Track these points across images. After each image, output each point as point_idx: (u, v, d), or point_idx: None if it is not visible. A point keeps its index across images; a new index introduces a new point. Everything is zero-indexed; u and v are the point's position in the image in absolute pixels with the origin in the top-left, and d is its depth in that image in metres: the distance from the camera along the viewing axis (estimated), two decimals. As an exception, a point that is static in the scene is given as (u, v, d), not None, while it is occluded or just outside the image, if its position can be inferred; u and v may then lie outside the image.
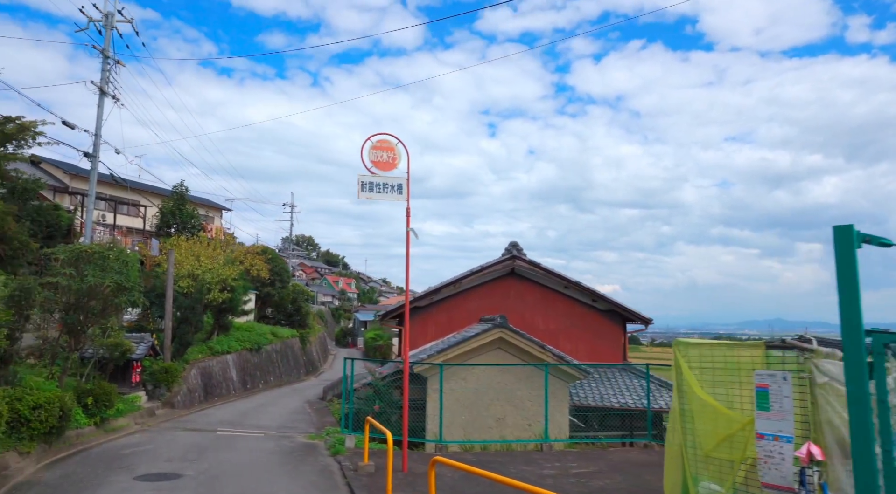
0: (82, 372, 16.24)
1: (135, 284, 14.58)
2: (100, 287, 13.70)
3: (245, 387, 27.89)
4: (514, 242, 24.94)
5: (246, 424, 18.03)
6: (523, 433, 17.08)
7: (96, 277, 13.49)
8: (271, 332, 33.60)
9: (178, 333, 22.25)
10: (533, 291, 24.85)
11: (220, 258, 26.08)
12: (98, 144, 22.45)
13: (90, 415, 14.16)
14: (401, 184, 11.30)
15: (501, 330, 17.71)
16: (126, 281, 14.21)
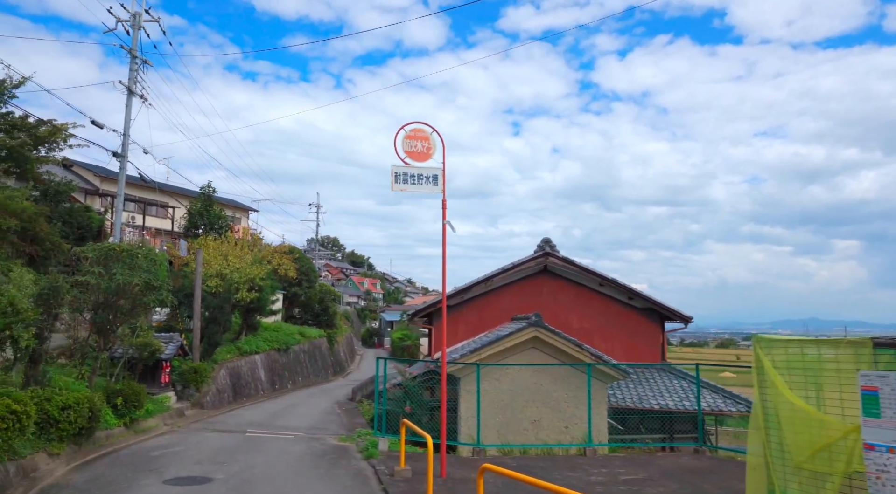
0: (112, 372, 16.05)
1: (163, 283, 14.31)
2: (128, 285, 13.44)
3: (273, 388, 27.66)
4: (547, 239, 24.29)
5: (275, 425, 17.70)
6: (560, 436, 16.47)
7: (125, 276, 13.24)
8: (299, 332, 33.38)
9: (207, 333, 22.05)
10: (566, 289, 24.17)
11: (248, 257, 25.86)
12: (126, 144, 22.36)
13: (120, 416, 13.93)
14: (436, 175, 10.80)
15: (536, 329, 17.13)
16: (154, 280, 13.94)
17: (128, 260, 13.70)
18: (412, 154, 10.71)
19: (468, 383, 16.18)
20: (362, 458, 12.54)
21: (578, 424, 16.37)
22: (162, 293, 14.05)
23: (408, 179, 10.66)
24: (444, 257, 11.08)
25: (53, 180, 25.65)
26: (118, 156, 22.09)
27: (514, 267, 23.51)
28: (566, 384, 16.47)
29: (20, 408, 8.92)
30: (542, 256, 23.42)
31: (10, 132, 25.57)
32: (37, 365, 11.22)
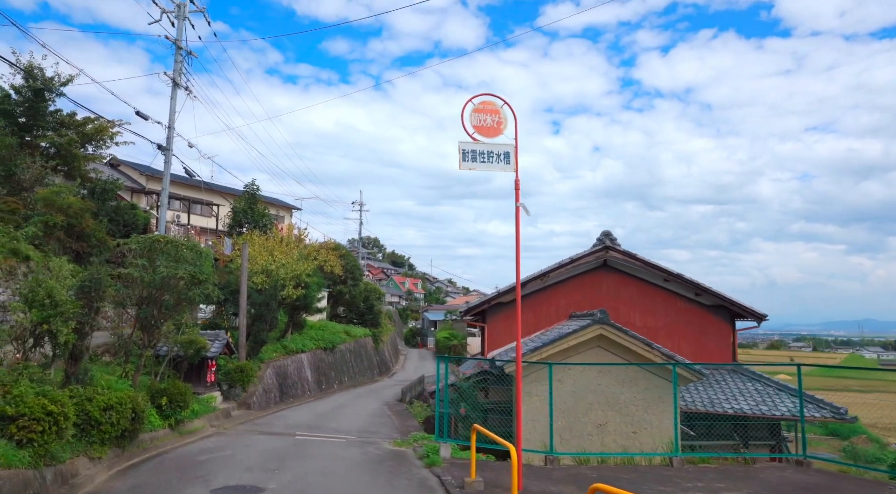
0: (156, 370, 15.35)
1: (209, 276, 13.50)
2: (173, 279, 12.65)
3: (320, 388, 26.88)
4: (607, 231, 22.83)
5: (325, 427, 16.78)
6: (628, 442, 15.24)
7: (169, 268, 12.45)
8: (345, 331, 32.61)
9: (253, 331, 21.32)
10: (628, 285, 22.71)
11: (294, 253, 25.12)
12: (171, 137, 21.84)
13: (164, 417, 13.15)
14: (508, 153, 9.64)
15: (602, 327, 15.86)
16: (200, 273, 13.14)
17: (172, 251, 12.93)
18: (481, 129, 9.58)
19: (530, 384, 15.00)
20: (423, 466, 11.44)
21: (648, 429, 15.12)
22: (208, 287, 13.23)
23: (477, 157, 9.53)
24: (518, 242, 9.89)
25: (100, 178, 25.44)
26: (163, 149, 21.55)
27: (572, 262, 22.17)
28: (633, 386, 15.23)
29: (57, 409, 8.09)
30: (601, 250, 22.02)
31: (57, 130, 25.46)
32: (77, 363, 10.46)
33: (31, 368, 9.00)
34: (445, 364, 13.13)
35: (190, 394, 13.87)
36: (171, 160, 21.73)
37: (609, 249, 22.08)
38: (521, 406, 9.79)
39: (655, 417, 15.44)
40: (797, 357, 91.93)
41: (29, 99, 24.77)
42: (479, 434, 16.64)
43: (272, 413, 19.34)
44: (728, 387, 20.81)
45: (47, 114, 25.57)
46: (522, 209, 9.60)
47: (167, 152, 21.68)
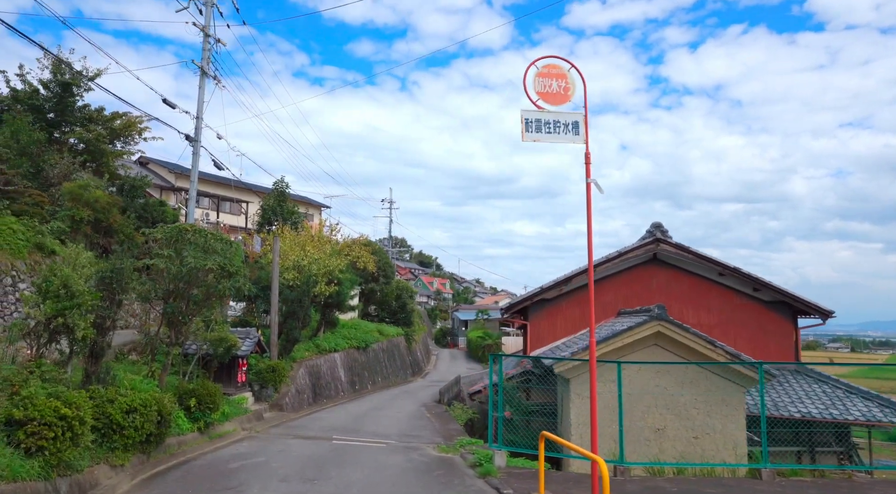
0: (185, 370, 14.45)
1: (239, 268, 12.52)
2: (201, 270, 11.69)
3: (353, 388, 25.88)
4: (658, 223, 21.40)
5: (363, 431, 15.72)
6: (688, 447, 14.00)
7: (197, 259, 11.49)
8: (377, 330, 31.60)
9: (285, 329, 20.39)
10: (680, 280, 21.26)
11: (327, 247, 24.17)
12: (199, 127, 21.01)
13: (193, 420, 12.19)
14: (577, 122, 8.42)
15: (660, 323, 14.57)
16: (230, 265, 12.16)
17: (200, 241, 11.97)
18: (546, 96, 8.37)
19: (581, 385, 13.79)
20: (477, 476, 10.26)
21: (711, 435, 13.88)
22: (238, 280, 12.24)
23: (542, 127, 8.32)
24: (590, 221, 8.65)
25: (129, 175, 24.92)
26: (191, 139, 20.74)
27: (620, 256, 20.81)
28: (694, 387, 13.97)
29: (71, 412, 7.11)
30: (651, 243, 20.62)
31: (85, 125, 24.93)
32: (98, 361, 9.53)
33: (45, 366, 8.06)
34: (500, 362, 11.86)
35: (220, 395, 12.91)
36: (199, 151, 20.90)
37: (660, 242, 20.68)
38: (595, 410, 8.53)
39: (719, 421, 14.16)
40: (836, 357, 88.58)
41: (57, 94, 24.29)
42: (519, 438, 15.48)
43: (306, 415, 18.36)
44: (792, 389, 19.28)
45: (75, 110, 25.09)
46: (594, 186, 8.37)
47: (195, 143, 20.87)
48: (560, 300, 21.46)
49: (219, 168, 22.45)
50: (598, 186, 8.38)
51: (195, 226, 12.20)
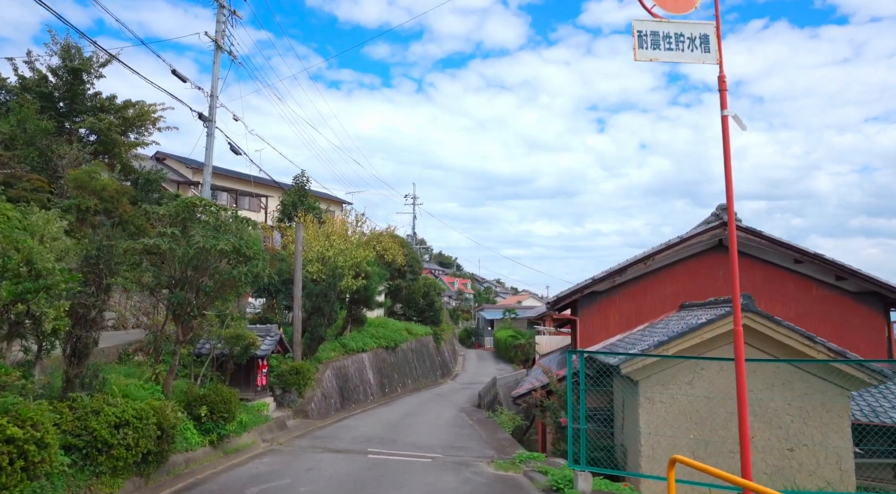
0: (197, 372, 12.52)
1: (258, 252, 10.53)
2: (212, 253, 9.73)
3: (383, 392, 23.85)
4: (724, 205, 18.94)
5: (401, 442, 13.67)
6: (782, 461, 11.91)
7: (207, 239, 9.52)
8: (406, 329, 29.56)
9: (309, 326, 18.42)
10: (751, 268, 18.90)
11: (354, 238, 22.20)
12: (214, 106, 19.16)
13: (204, 432, 10.22)
14: (706, 35, 6.26)
15: (746, 315, 12.34)
16: (247, 248, 10.19)
17: (211, 219, 10.02)
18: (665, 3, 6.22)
19: (653, 387, 11.69)
20: (557, 505, 8.12)
21: (809, 446, 11.88)
22: (257, 264, 10.24)
23: (659, 41, 6.18)
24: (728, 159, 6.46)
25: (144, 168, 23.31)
26: (204, 119, 18.88)
27: (682, 243, 18.49)
28: (787, 390, 11.89)
29: (24, 434, 5.11)
30: (718, 226, 18.28)
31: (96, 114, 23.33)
32: (82, 362, 7.56)
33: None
34: (581, 359, 9.69)
35: (236, 402, 10.92)
36: (213, 132, 19.05)
37: (726, 225, 18.27)
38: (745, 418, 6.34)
39: (818, 431, 11.99)
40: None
41: (67, 81, 22.74)
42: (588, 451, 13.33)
43: (334, 423, 16.34)
44: (891, 393, 16.79)
45: (86, 98, 23.56)
46: (734, 121, 6.21)
47: (209, 123, 19.02)
48: (612, 293, 19.22)
49: (235, 152, 20.54)
50: (740, 123, 6.21)
51: (206, 201, 10.23)
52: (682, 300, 18.06)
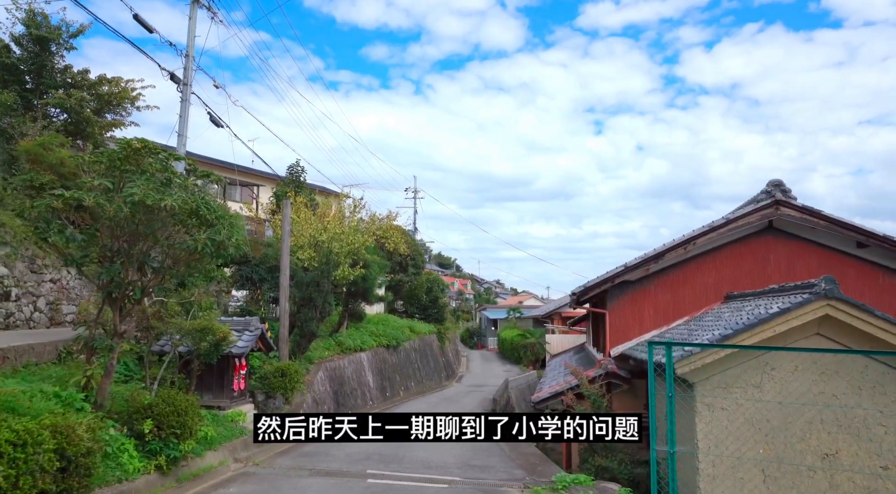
0: (153, 374, 9.96)
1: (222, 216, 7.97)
2: (156, 212, 7.20)
3: (384, 396, 21.26)
4: (777, 181, 16.41)
5: (408, 459, 11.08)
6: (874, 482, 9.75)
7: (148, 193, 6.97)
8: (408, 327, 27.00)
9: (299, 320, 15.85)
10: (806, 254, 16.33)
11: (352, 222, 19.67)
12: (190, 68, 16.60)
13: (149, 454, 7.63)
14: None
15: (829, 303, 10.15)
16: (207, 210, 7.65)
17: (159, 167, 7.49)
18: None
19: (711, 391, 9.39)
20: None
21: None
22: (220, 231, 7.63)
23: None
24: None
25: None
26: (176, 79, 16.31)
27: (727, 225, 15.93)
28: (879, 394, 10.07)
29: None
30: (769, 206, 15.66)
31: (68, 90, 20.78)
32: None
33: None
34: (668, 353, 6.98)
35: (195, 413, 8.33)
36: (188, 97, 16.50)
37: (780, 204, 15.71)
38: None
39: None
40: None
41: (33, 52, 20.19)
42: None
43: (326, 434, 13.76)
44: None
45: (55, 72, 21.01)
46: None
47: (185, 87, 16.47)
48: (647, 282, 16.68)
49: (216, 124, 17.96)
50: None
51: (149, 143, 7.66)
52: (727, 290, 15.71)
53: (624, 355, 15.16)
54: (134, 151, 7.53)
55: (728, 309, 14.02)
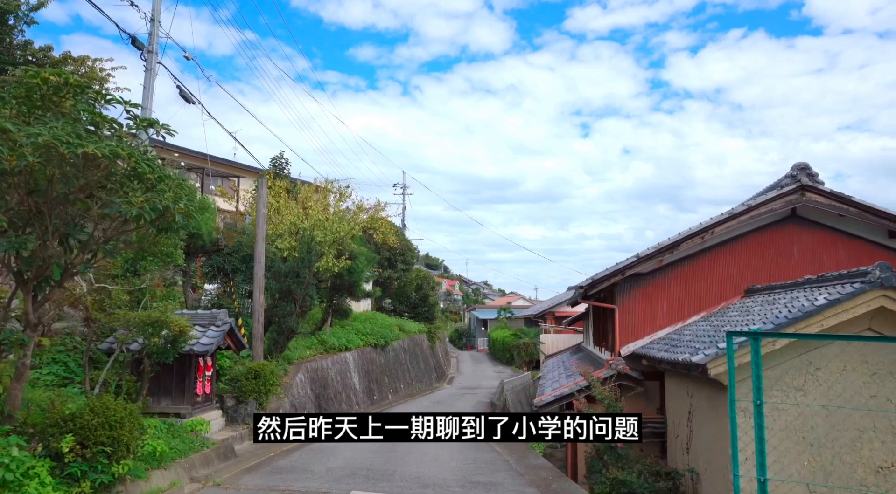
0: (94, 377, 8.25)
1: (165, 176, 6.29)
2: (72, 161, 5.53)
3: (371, 399, 19.56)
4: (804, 164, 14.94)
5: (400, 474, 9.43)
6: None
7: (59, 135, 5.29)
8: (397, 325, 25.33)
9: (276, 316, 14.16)
10: (833, 244, 14.95)
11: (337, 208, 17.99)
12: (155, 33, 14.86)
13: (68, 479, 5.93)
14: None
15: (885, 293, 8.88)
16: (147, 168, 5.97)
17: (82, 107, 5.80)
18: None
19: (745, 394, 7.94)
20: None
21: None
22: (164, 193, 5.94)
23: None
24: None
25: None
26: (138, 44, 14.56)
27: (748, 212, 14.47)
28: None
29: None
30: (793, 191, 14.19)
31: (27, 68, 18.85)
32: None
33: None
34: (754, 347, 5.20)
35: (135, 424, 6.61)
36: (154, 67, 14.76)
37: (805, 190, 14.23)
38: None
39: None
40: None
41: (-17, 24, 18.32)
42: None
43: (305, 445, 11.99)
44: None
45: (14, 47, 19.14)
46: None
47: (150, 55, 14.73)
48: (660, 275, 15.22)
49: (187, 99, 16.24)
50: None
51: (76, 81, 5.95)
52: (748, 283, 14.37)
53: (636, 354, 13.76)
54: (52, 89, 5.84)
55: (754, 303, 12.65)
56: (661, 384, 13.32)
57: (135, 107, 6.41)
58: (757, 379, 4.89)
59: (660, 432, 12.60)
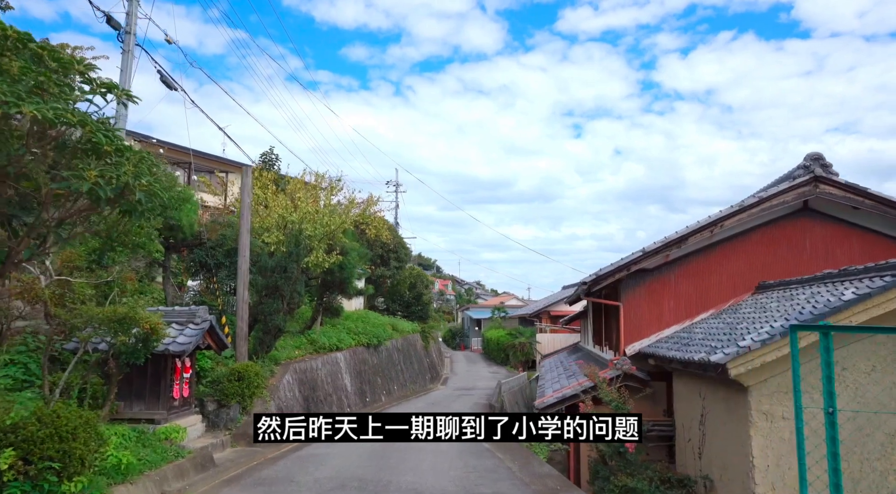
0: (54, 380, 7.38)
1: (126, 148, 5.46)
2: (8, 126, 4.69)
3: (363, 401, 18.71)
4: (817, 154, 14.25)
5: (395, 485, 8.60)
6: None
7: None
8: (390, 324, 24.48)
9: (262, 313, 13.30)
10: (847, 239, 14.33)
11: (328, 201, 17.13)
12: (134, 13, 13.98)
13: (10, 501, 5.11)
14: None
15: None
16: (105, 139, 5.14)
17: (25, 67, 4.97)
18: None
19: (769, 397, 7.28)
20: None
21: None
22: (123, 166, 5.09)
23: None
24: None
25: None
26: (114, 23, 13.63)
27: (759, 204, 13.78)
28: None
29: None
30: (807, 183, 13.52)
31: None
32: None
33: None
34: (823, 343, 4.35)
35: (91, 435, 5.75)
36: (132, 49, 13.87)
37: (819, 181, 13.53)
38: None
39: None
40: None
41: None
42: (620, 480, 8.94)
43: (293, 452, 11.11)
44: None
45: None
46: None
47: (127, 36, 13.84)
48: (666, 271, 14.56)
49: (169, 86, 15.35)
50: None
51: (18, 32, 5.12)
52: (758, 279, 13.77)
53: (642, 354, 13.08)
54: None
55: (769, 299, 11.96)
56: (668, 385, 12.65)
57: (90, 69, 5.56)
58: (828, 382, 4.09)
59: (667, 435, 11.89)
